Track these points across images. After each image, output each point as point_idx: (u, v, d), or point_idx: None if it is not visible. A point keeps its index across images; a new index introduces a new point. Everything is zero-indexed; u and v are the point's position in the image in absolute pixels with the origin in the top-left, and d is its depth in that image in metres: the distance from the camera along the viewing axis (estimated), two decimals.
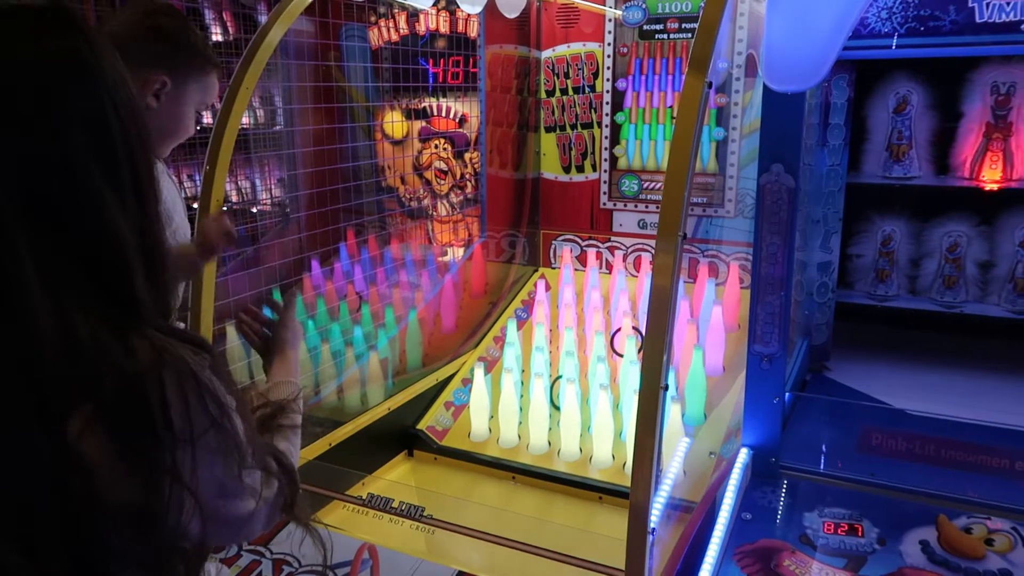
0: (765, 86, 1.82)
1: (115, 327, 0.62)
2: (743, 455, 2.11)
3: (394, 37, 3.94)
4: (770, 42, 1.72)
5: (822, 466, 2.14)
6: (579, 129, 3.45)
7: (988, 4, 2.34)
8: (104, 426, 0.60)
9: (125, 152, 0.65)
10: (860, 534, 1.85)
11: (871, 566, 1.75)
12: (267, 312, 2.53)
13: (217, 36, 4.29)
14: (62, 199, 0.61)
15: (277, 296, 3.25)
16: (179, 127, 1.57)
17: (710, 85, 1.51)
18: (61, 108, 0.61)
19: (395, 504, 1.97)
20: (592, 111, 3.40)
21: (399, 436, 2.77)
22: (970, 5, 2.37)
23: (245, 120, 3.77)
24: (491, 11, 3.08)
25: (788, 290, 2.05)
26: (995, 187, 2.79)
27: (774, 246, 2.01)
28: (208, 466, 0.68)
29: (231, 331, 2.84)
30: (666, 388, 1.45)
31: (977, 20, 2.37)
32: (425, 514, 1.94)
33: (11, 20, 0.61)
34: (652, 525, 1.48)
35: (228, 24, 4.26)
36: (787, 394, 2.30)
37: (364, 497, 2.01)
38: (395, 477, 2.63)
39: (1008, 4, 2.29)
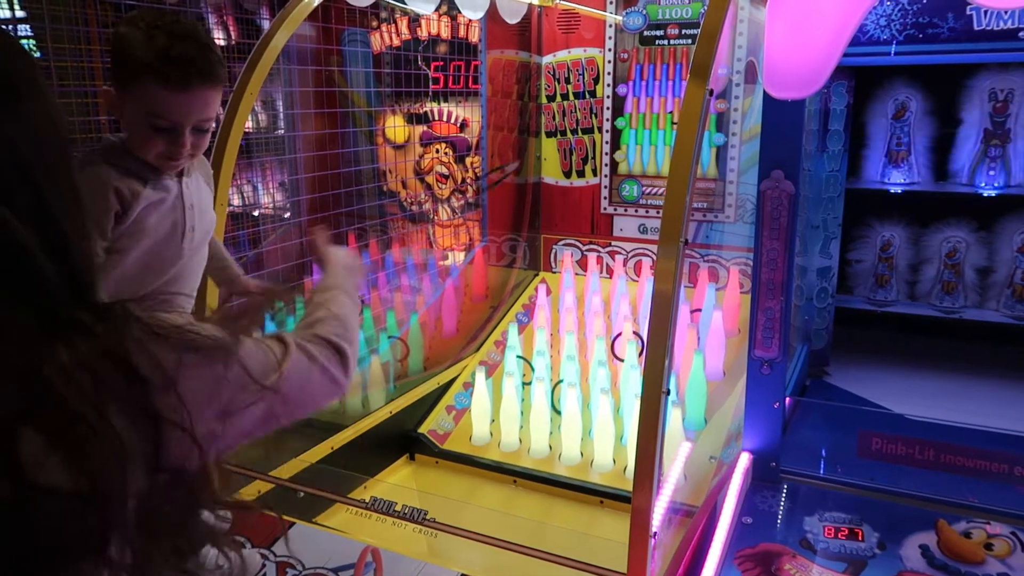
0: (765, 93, 1.83)
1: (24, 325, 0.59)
2: (744, 459, 2.12)
3: (396, 42, 3.95)
4: (770, 49, 1.74)
5: (822, 470, 2.15)
6: (580, 134, 3.46)
7: (986, 12, 2.37)
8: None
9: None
10: (860, 538, 1.86)
11: (871, 570, 1.76)
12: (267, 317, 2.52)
13: (220, 41, 4.30)
14: None
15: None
16: (134, 140, 1.45)
17: (711, 92, 1.53)
18: None
19: (397, 507, 1.97)
20: (593, 116, 3.42)
21: (401, 440, 2.77)
22: (968, 13, 2.39)
23: (248, 124, 3.78)
24: (492, 16, 3.11)
25: (788, 295, 2.06)
26: (993, 193, 2.81)
27: (774, 251, 2.03)
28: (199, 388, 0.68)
29: None
30: (667, 393, 1.46)
31: (975, 28, 2.39)
32: (427, 517, 1.95)
33: None
34: (654, 529, 1.49)
35: (231, 29, 4.28)
36: (787, 399, 2.31)
37: (367, 500, 2.02)
38: (397, 480, 2.63)
39: (1006, 12, 2.31)
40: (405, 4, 2.69)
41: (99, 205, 1.42)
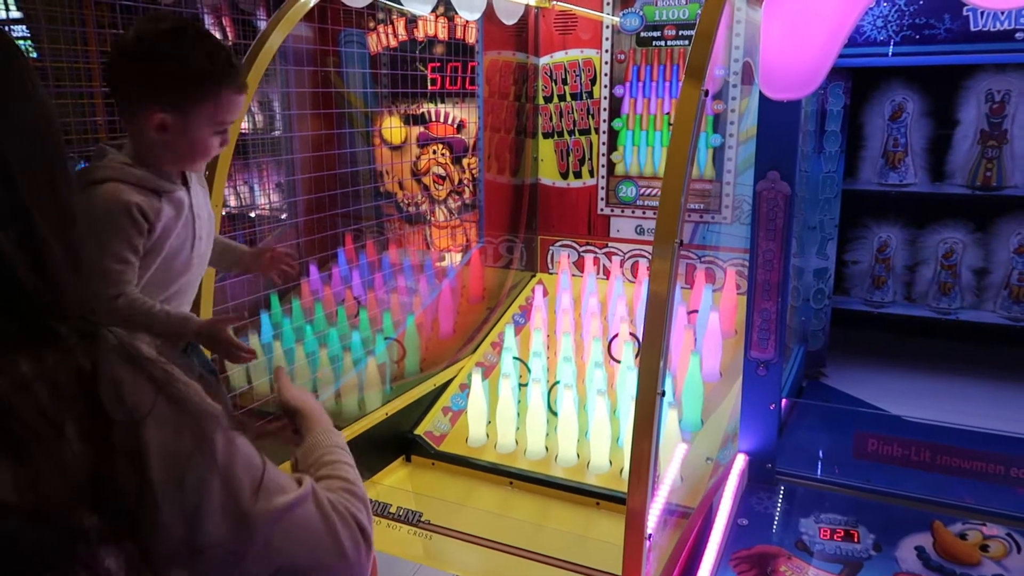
0: (761, 93, 1.83)
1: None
2: (740, 461, 2.12)
3: (393, 43, 3.95)
4: (766, 50, 1.74)
5: (818, 472, 2.15)
6: (577, 135, 3.46)
7: (983, 13, 2.36)
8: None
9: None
10: (856, 540, 1.85)
11: (867, 572, 1.76)
12: (263, 318, 2.53)
13: None
14: None
15: (275, 301, 3.26)
16: (195, 152, 1.47)
17: (707, 93, 1.53)
18: None
19: (393, 509, 1.97)
20: (590, 117, 3.41)
21: (397, 441, 2.77)
22: (965, 14, 2.39)
23: (244, 125, 3.78)
24: (489, 17, 3.10)
25: (784, 296, 2.06)
26: (990, 194, 2.81)
27: (770, 252, 2.02)
28: (172, 450, 0.59)
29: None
30: (663, 394, 1.46)
31: (972, 29, 2.39)
32: (423, 519, 1.94)
33: None
34: (649, 531, 1.48)
35: (227, 29, 4.27)
36: (783, 400, 2.30)
37: None
38: (393, 482, 2.63)
39: (1002, 13, 2.31)
40: (401, 5, 2.69)
41: (131, 226, 1.41)
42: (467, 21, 3.57)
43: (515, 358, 2.85)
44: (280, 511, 0.68)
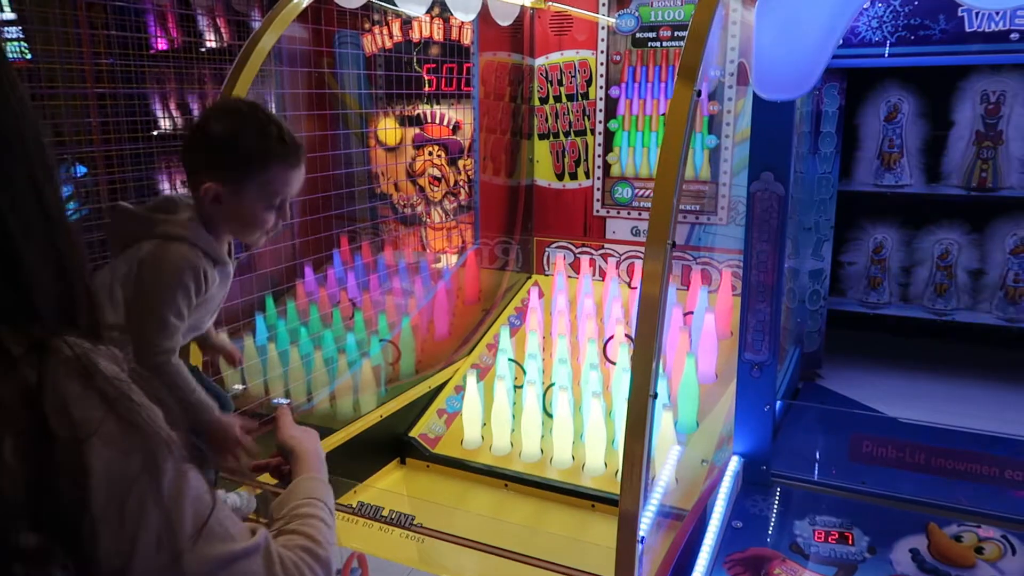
0: (755, 94, 1.82)
1: None
2: (734, 463, 2.11)
3: (388, 44, 3.95)
4: (759, 50, 1.73)
5: (813, 474, 2.14)
6: (572, 136, 3.45)
7: (977, 13, 2.36)
8: None
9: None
10: (851, 542, 1.85)
11: (862, 574, 1.75)
12: (258, 320, 2.54)
13: (211, 43, 4.29)
14: None
15: (270, 302, 3.25)
16: (248, 224, 1.53)
17: (699, 94, 1.52)
18: None
19: (385, 512, 1.96)
20: (585, 118, 3.41)
21: (391, 443, 2.76)
22: (960, 14, 2.38)
23: None
24: (485, 18, 3.10)
25: (778, 298, 2.06)
26: (985, 195, 2.81)
27: (764, 254, 2.02)
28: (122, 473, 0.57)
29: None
30: (655, 396, 1.45)
31: (967, 29, 2.39)
32: (416, 523, 1.93)
33: None
34: (642, 534, 1.47)
35: (222, 30, 4.27)
36: (778, 402, 2.30)
37: (354, 505, 2.01)
38: (387, 485, 2.62)
39: (997, 13, 2.31)
40: (396, 6, 2.68)
41: (194, 287, 1.49)
42: (462, 22, 3.57)
43: (510, 360, 2.85)
44: (220, 560, 0.64)
